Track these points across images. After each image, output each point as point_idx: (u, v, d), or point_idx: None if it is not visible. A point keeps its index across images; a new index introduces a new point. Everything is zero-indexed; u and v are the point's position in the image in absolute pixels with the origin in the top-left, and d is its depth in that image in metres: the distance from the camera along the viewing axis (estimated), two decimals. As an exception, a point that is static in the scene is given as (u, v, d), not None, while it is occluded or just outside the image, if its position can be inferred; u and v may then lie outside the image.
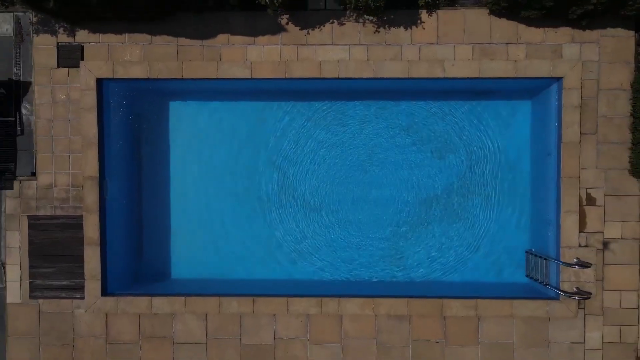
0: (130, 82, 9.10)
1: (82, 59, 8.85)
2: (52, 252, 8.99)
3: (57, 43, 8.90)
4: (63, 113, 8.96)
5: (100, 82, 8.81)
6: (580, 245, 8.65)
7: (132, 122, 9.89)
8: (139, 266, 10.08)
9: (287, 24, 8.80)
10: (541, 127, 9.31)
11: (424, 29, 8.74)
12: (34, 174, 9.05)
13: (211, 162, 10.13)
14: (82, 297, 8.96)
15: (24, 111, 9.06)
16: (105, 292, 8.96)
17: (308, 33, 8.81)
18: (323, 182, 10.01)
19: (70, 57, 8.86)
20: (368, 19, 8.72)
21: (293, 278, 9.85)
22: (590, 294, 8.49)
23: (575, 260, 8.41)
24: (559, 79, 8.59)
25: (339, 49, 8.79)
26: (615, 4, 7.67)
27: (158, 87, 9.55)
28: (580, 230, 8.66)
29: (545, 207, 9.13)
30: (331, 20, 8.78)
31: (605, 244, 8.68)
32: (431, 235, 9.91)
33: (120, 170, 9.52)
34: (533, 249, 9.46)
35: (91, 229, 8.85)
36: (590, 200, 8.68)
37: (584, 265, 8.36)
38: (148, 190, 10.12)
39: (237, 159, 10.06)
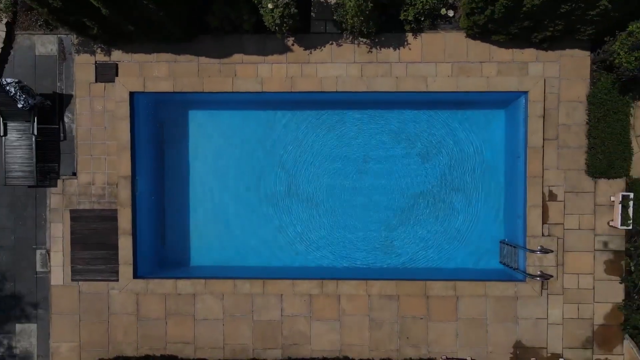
0: (157, 95, 10.52)
1: (117, 75, 10.30)
2: (91, 241, 10.41)
3: (95, 61, 10.35)
4: (100, 121, 10.39)
5: (132, 95, 10.24)
6: (543, 235, 10.07)
7: (157, 128, 11.31)
8: (162, 254, 11.48)
9: (292, 45, 10.24)
10: (512, 133, 10.74)
11: (410, 49, 10.16)
12: (74, 174, 10.48)
13: (225, 162, 11.50)
14: (117, 280, 10.38)
15: (66, 120, 10.49)
16: (136, 275, 10.39)
17: (310, 53, 10.24)
18: (324, 179, 11.35)
19: (106, 73, 10.29)
20: (362, 41, 10.15)
21: (297, 264, 11.24)
22: (552, 276, 9.97)
23: (539, 247, 9.84)
24: (525, 93, 10.02)
25: (337, 67, 10.22)
26: (568, 31, 9.09)
27: (179, 99, 10.94)
28: (544, 222, 10.09)
29: (515, 202, 10.56)
30: (330, 42, 10.20)
31: (565, 234, 10.10)
32: (417, 225, 11.28)
33: (148, 170, 10.91)
34: (506, 239, 10.89)
35: (125, 220, 10.28)
36: (552, 196, 10.11)
37: (546, 251, 9.86)
38: (170, 187, 11.51)
39: (248, 159, 11.43)
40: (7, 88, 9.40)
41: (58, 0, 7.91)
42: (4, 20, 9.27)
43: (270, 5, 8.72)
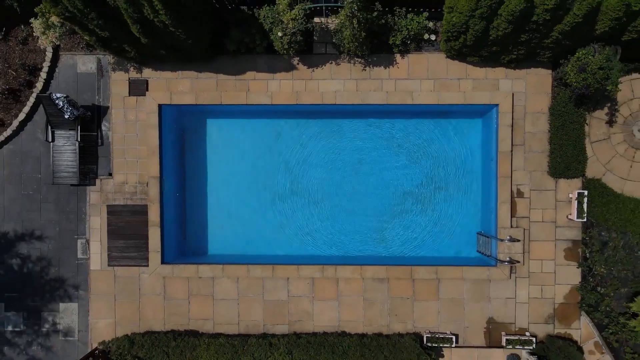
0: (181, 107, 12.21)
1: (147, 89, 11.99)
2: (124, 232, 12.10)
3: (129, 78, 12.03)
4: (132, 129, 12.09)
5: (160, 107, 11.92)
6: (512, 226, 11.75)
7: (180, 135, 13.01)
8: (183, 244, 13.17)
9: (297, 64, 11.92)
10: (487, 139, 12.42)
11: (398, 68, 11.84)
12: (110, 174, 12.16)
13: (238, 164, 13.14)
14: (147, 265, 12.06)
15: (103, 128, 12.17)
16: (163, 261, 12.05)
17: (313, 71, 11.92)
18: (324, 178, 13.00)
19: (138, 88, 11.98)
20: (357, 61, 11.83)
21: (302, 252, 12.94)
22: (519, 262, 11.65)
23: (508, 237, 11.50)
24: (496, 105, 11.68)
25: (336, 83, 11.90)
26: (530, 54, 10.79)
27: (199, 109, 12.64)
28: (512, 216, 11.76)
29: (488, 198, 12.25)
30: (330, 62, 11.88)
31: (530, 225, 11.78)
32: (405, 218, 12.96)
33: (172, 171, 12.59)
34: (482, 231, 12.57)
35: (154, 214, 11.96)
36: (519, 194, 11.79)
37: (514, 240, 11.54)
38: (191, 186, 13.19)
39: (259, 162, 13.10)
40: (57, 102, 11.08)
41: (105, 31, 9.60)
42: (55, 44, 10.92)
43: (279, 34, 10.43)
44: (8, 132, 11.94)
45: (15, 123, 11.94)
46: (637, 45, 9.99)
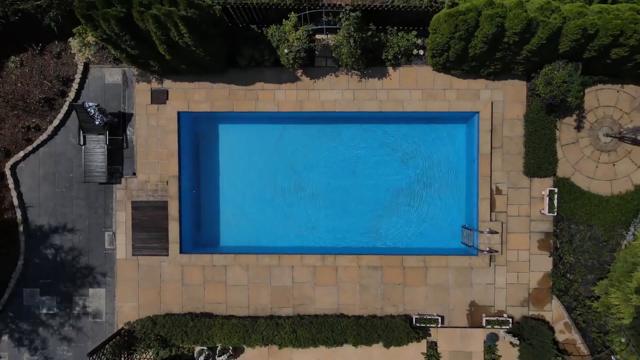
0: (197, 114, 13.67)
1: (167, 98, 13.46)
2: (147, 225, 13.57)
3: (151, 88, 13.50)
4: (154, 134, 13.56)
5: (179, 114, 13.39)
6: (491, 220, 13.21)
7: (195, 139, 14.48)
8: (198, 236, 14.62)
9: (301, 76, 13.39)
10: (470, 142, 13.89)
11: (390, 79, 13.31)
12: (134, 174, 13.64)
13: (247, 164, 14.59)
14: (166, 255, 13.52)
15: (128, 133, 13.65)
16: (181, 251, 13.50)
17: (315, 82, 13.39)
18: (324, 177, 14.42)
19: (159, 97, 13.45)
20: (354, 73, 13.29)
21: (305, 243, 14.41)
22: (498, 251, 13.12)
23: (487, 229, 12.98)
24: (477, 113, 13.15)
25: (335, 92, 13.37)
26: (505, 68, 12.27)
27: (212, 116, 14.09)
28: (492, 210, 13.23)
29: (471, 195, 13.73)
30: (330, 74, 13.35)
31: (508, 219, 13.25)
32: (398, 213, 14.43)
33: (188, 171, 14.04)
34: (466, 224, 14.04)
35: (173, 209, 13.43)
36: (498, 191, 13.26)
37: (493, 232, 13.01)
38: (205, 184, 14.64)
39: (266, 162, 14.53)
40: (89, 110, 12.57)
41: (135, 50, 11.09)
42: (90, 60, 12.40)
43: (285, 51, 11.92)
44: (44, 136, 13.42)
45: (50, 128, 13.43)
46: (598, 61, 11.47)
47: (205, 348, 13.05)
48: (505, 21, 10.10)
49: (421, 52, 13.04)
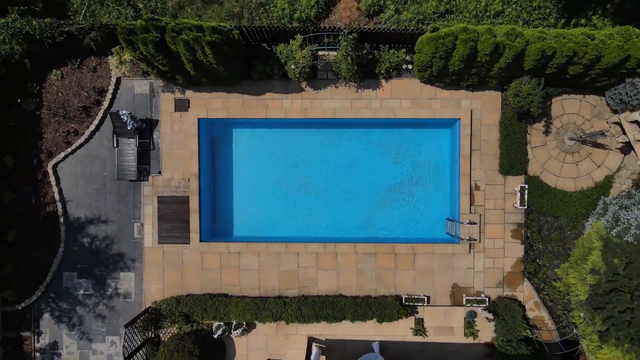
0: (214, 120, 15.63)
1: (189, 107, 15.43)
2: (171, 217, 15.52)
3: (174, 98, 15.48)
4: (177, 137, 15.53)
5: (199, 120, 15.36)
6: (471, 212, 15.17)
7: (211, 141, 16.44)
8: (214, 227, 16.56)
9: (305, 87, 15.35)
10: (453, 145, 15.86)
11: (383, 90, 15.28)
12: (160, 172, 15.60)
13: (258, 164, 16.52)
14: (188, 243, 15.47)
15: (155, 136, 15.61)
16: (201, 240, 15.42)
17: (317, 92, 15.36)
18: (325, 175, 16.38)
19: (182, 105, 15.43)
20: (352, 84, 15.26)
21: (308, 233, 16.35)
22: (476, 240, 15.08)
23: (467, 220, 14.94)
24: (458, 119, 15.12)
25: (335, 101, 15.33)
26: (482, 81, 14.24)
27: (227, 122, 16.04)
28: (471, 204, 15.17)
29: (454, 191, 15.68)
30: (330, 85, 15.31)
31: (485, 212, 15.20)
32: (389, 207, 16.39)
33: (207, 170, 15.99)
34: (450, 217, 15.98)
35: (194, 203, 15.38)
36: (477, 187, 15.22)
37: (472, 223, 14.96)
38: (220, 181, 16.59)
39: (274, 163, 16.48)
40: (122, 117, 14.56)
41: (166, 67, 13.08)
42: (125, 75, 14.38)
43: (292, 66, 13.91)
44: (81, 139, 15.41)
45: (87, 132, 15.41)
46: (558, 76, 13.45)
47: (222, 323, 15.00)
48: (477, 44, 12.07)
49: (410, 66, 15.01)
